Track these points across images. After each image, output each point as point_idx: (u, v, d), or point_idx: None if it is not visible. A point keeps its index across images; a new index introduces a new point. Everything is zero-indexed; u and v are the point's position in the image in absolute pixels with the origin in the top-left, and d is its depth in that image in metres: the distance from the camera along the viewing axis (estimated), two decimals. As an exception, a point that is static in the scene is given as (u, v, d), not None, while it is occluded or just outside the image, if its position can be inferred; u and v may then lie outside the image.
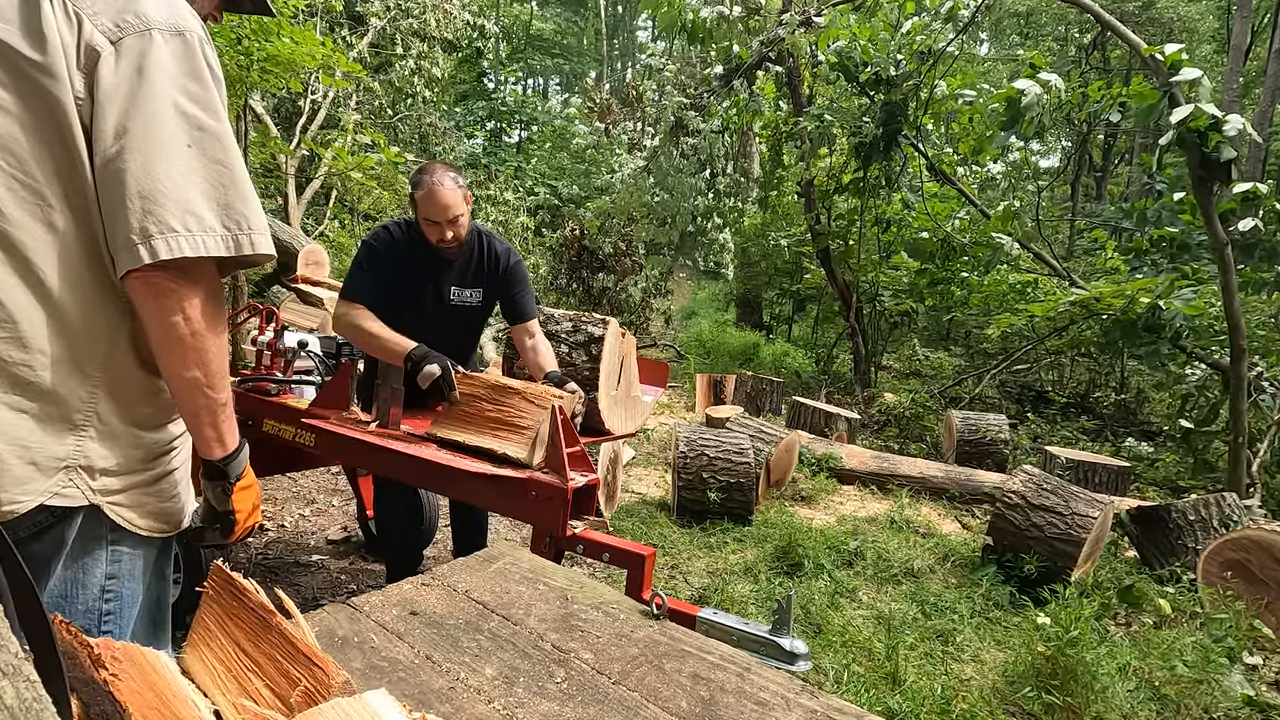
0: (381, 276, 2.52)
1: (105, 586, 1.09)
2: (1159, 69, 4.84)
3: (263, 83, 5.64)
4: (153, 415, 1.10)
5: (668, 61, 11.42)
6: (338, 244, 9.11)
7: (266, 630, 0.72)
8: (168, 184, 0.96)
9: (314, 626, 0.96)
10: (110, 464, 1.05)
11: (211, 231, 1.00)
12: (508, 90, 22.27)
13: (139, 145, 0.95)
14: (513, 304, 2.68)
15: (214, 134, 1.01)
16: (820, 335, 13.53)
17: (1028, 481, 3.85)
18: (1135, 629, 3.29)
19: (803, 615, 3.17)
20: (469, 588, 1.13)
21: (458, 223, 2.45)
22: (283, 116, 10.08)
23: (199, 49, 1.02)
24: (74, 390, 1.00)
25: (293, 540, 3.70)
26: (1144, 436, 7.37)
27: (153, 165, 0.96)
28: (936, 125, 8.65)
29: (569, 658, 0.95)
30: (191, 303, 1.01)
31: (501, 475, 1.89)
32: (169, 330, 1.01)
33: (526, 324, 2.64)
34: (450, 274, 2.63)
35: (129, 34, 0.97)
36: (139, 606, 1.15)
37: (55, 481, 0.99)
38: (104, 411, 1.03)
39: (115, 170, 0.95)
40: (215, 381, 1.06)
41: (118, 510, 1.07)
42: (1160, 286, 5.94)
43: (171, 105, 0.98)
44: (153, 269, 0.97)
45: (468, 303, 2.68)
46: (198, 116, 1.00)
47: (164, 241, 0.96)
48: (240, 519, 1.18)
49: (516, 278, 2.69)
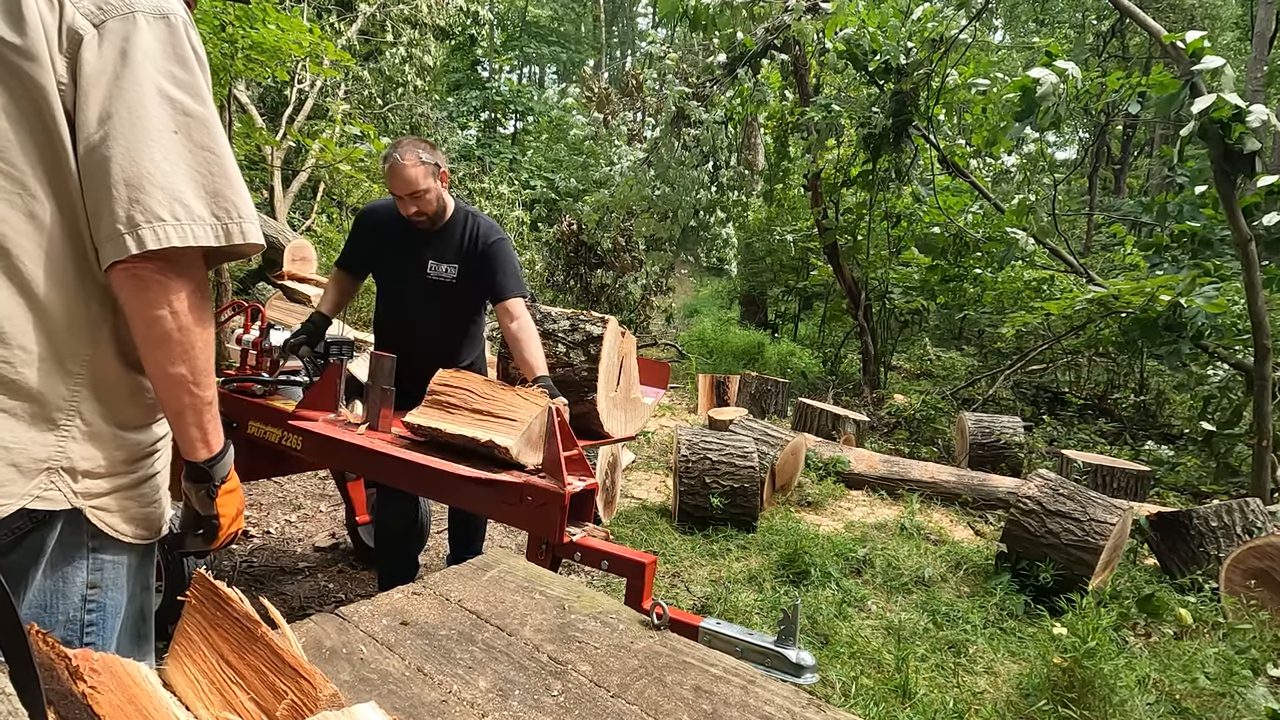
0: (357, 242, 2.83)
1: (87, 596, 1.08)
2: (1180, 57, 4.84)
3: (248, 71, 5.64)
4: (136, 415, 1.10)
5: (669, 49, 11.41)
6: (325, 239, 9.11)
7: (251, 641, 0.72)
8: (154, 171, 0.96)
9: (300, 637, 0.95)
10: (92, 465, 1.04)
11: (200, 220, 0.99)
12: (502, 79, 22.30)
13: (124, 131, 0.95)
14: (492, 281, 2.70)
15: (200, 119, 1.01)
16: (827, 334, 13.53)
17: (1043, 486, 3.85)
18: (1155, 640, 3.29)
19: (809, 626, 3.17)
20: (462, 597, 1.13)
21: (421, 198, 2.61)
22: (268, 107, 10.09)
23: (183, 32, 1.02)
24: (55, 388, 1.00)
25: (279, 547, 3.70)
26: (1164, 440, 7.37)
27: (138, 152, 0.95)
28: (948, 116, 8.65)
29: (566, 670, 0.95)
30: (178, 295, 1.00)
31: (496, 479, 1.89)
32: (154, 324, 1.00)
33: (508, 304, 2.64)
34: (430, 249, 2.74)
35: (112, 16, 0.97)
36: (122, 616, 1.14)
37: (36, 484, 0.98)
38: (86, 411, 1.03)
39: (99, 158, 0.95)
40: (201, 379, 1.06)
41: (100, 515, 1.06)
42: (1181, 284, 5.94)
43: (156, 90, 0.98)
44: (139, 260, 0.96)
45: (443, 278, 2.74)
46: (183, 101, 1.00)
47: (151, 231, 0.95)
48: (224, 524, 1.17)
49: (496, 255, 2.72)
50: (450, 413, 2.12)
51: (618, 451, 4.60)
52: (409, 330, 2.80)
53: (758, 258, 13.77)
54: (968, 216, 8.94)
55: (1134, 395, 8.71)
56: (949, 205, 8.88)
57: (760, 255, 13.61)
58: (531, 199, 15.94)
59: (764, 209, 12.83)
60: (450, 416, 2.10)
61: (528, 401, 2.04)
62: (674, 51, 11.29)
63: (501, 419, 2.05)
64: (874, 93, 8.13)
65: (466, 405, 2.11)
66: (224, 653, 0.73)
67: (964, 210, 9.03)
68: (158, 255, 0.97)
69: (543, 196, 16.59)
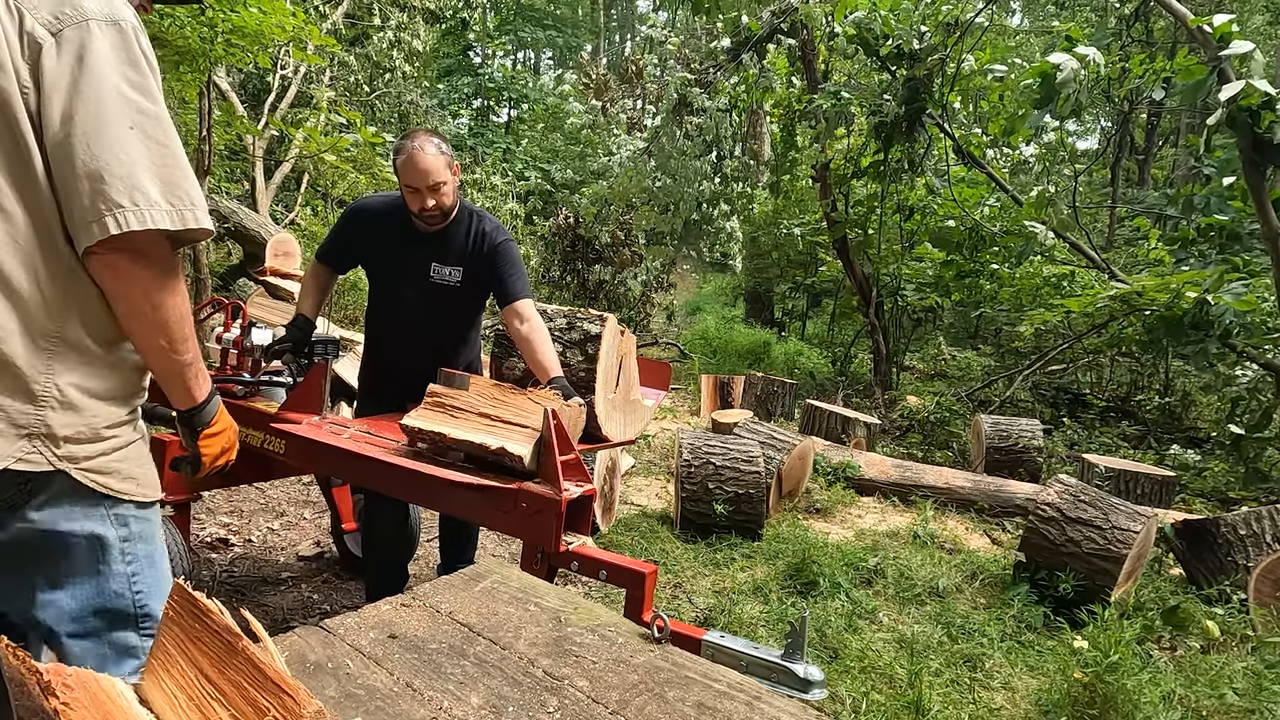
0: (345, 238, 2.76)
1: (123, 550, 1.29)
2: (1207, 42, 4.84)
3: (228, 57, 5.64)
4: (113, 388, 1.26)
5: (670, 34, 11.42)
6: (310, 233, 9.12)
7: (232, 655, 0.72)
8: (114, 164, 1.12)
9: (284, 651, 0.96)
10: (72, 432, 1.20)
11: (157, 206, 1.15)
12: (495, 65, 22.30)
13: (84, 130, 1.11)
14: (500, 283, 2.68)
15: (154, 117, 1.18)
16: (837, 333, 13.54)
17: (1063, 492, 3.85)
18: (1181, 653, 3.29)
19: (817, 638, 3.18)
20: (453, 609, 1.13)
21: (439, 190, 2.55)
22: (250, 94, 10.10)
23: (134, 38, 1.18)
24: (31, 362, 1.16)
25: (260, 556, 3.70)
26: (1190, 443, 7.37)
27: (98, 148, 1.11)
28: (964, 103, 8.65)
29: (562, 685, 0.95)
30: (149, 279, 1.19)
31: (489, 485, 1.89)
32: (131, 306, 1.20)
33: (517, 305, 2.62)
34: (432, 250, 2.69)
35: (68, 25, 1.12)
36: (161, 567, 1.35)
37: (18, 447, 1.15)
38: (62, 383, 1.19)
39: (65, 154, 1.11)
40: (178, 345, 1.26)
41: (93, 477, 1.23)
42: (1208, 280, 5.94)
43: (113, 91, 1.14)
44: (111, 252, 1.15)
45: (447, 282, 2.71)
46: (137, 101, 1.16)
47: (113, 218, 1.11)
48: (206, 461, 1.42)
49: (504, 256, 2.71)
50: (455, 416, 2.09)
51: (617, 456, 4.60)
52: (407, 332, 2.80)
53: (763, 252, 13.79)
54: (984, 209, 8.93)
55: (1158, 397, 8.71)
56: (964, 197, 8.88)
57: (766, 250, 13.63)
58: (526, 191, 15.94)
59: (770, 201, 12.82)
60: (454, 421, 2.08)
61: (541, 406, 2.00)
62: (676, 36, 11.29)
63: (512, 425, 2.02)
64: (886, 79, 8.13)
65: (472, 409, 2.09)
66: (203, 667, 0.73)
67: (980, 203, 9.03)
68: (127, 246, 1.15)
69: (538, 188, 16.60)
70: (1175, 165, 18.46)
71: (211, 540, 3.75)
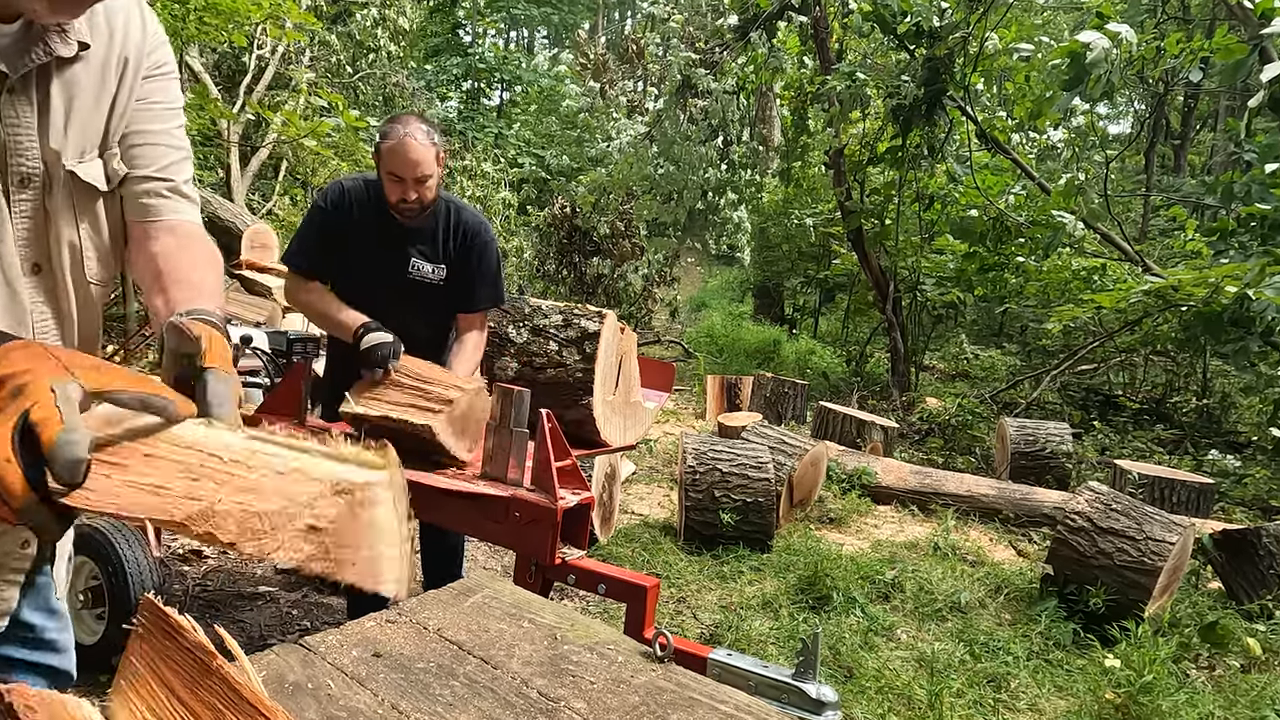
0: (326, 239, 2.61)
1: None
2: (1247, 18, 4.84)
3: (201, 35, 5.65)
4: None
5: (674, 10, 11.43)
6: (288, 224, 9.12)
7: (205, 674, 0.72)
8: None
9: (261, 670, 0.96)
10: None
11: None
12: (487, 44, 22.31)
13: None
14: (467, 285, 2.67)
15: None
16: (851, 330, 13.54)
17: (1094, 501, 3.85)
18: (1219, 673, 3.29)
19: (831, 657, 3.18)
20: (441, 625, 1.13)
21: (425, 184, 2.51)
22: (224, 75, 10.10)
23: None
24: None
25: (236, 569, 3.71)
26: (1230, 448, 7.37)
27: None
28: (987, 85, 8.65)
29: (558, 707, 0.95)
30: None
31: (479, 493, 1.90)
32: None
33: (475, 315, 2.66)
34: (410, 245, 2.64)
35: None
36: None
37: None
38: None
39: None
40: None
41: None
42: (1249, 273, 5.93)
43: None
44: None
45: (428, 279, 2.67)
46: None
47: None
48: None
49: (480, 257, 2.68)
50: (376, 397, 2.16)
51: (616, 462, 4.60)
52: None
53: (773, 244, 13.77)
54: (1009, 198, 8.93)
55: (1196, 399, 8.71)
56: (988, 185, 8.87)
57: (776, 242, 13.61)
58: (519, 178, 15.96)
59: (780, 189, 12.82)
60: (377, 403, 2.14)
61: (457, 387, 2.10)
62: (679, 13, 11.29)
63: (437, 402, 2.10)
64: (904, 59, 8.13)
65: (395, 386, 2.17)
66: (175, 688, 0.73)
67: (1005, 191, 9.03)
68: None
69: (532, 175, 16.61)
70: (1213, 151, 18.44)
71: (184, 552, 3.75)
